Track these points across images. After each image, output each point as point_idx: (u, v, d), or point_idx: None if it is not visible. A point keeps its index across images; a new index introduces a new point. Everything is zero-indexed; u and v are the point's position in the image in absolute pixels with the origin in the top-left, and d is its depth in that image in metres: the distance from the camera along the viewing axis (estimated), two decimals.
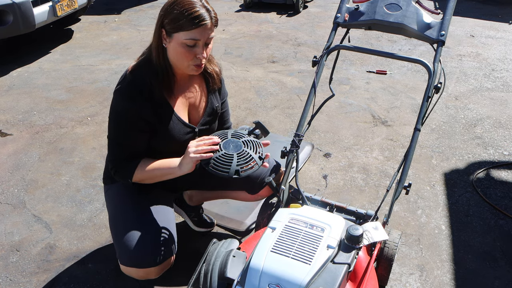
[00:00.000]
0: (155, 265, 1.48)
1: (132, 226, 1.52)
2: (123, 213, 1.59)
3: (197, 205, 2.06)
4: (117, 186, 1.66)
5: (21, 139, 2.97)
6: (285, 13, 6.34)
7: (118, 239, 1.53)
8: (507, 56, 4.63)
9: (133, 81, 1.45)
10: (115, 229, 1.58)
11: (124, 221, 1.56)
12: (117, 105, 1.47)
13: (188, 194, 2.03)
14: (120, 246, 1.51)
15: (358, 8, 1.87)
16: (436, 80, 1.72)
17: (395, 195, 1.64)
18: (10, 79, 3.96)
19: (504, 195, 2.44)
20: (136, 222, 1.54)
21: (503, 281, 1.90)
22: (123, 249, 1.50)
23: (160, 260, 1.49)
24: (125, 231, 1.52)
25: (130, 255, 1.47)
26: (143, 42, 4.93)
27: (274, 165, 1.83)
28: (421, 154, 2.82)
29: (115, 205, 1.64)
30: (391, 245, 1.66)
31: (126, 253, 1.49)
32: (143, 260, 1.47)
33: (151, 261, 1.47)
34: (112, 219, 1.62)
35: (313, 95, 1.85)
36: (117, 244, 1.53)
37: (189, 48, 1.40)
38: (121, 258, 1.51)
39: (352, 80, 3.99)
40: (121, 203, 1.63)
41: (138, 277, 1.51)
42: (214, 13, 1.41)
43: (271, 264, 1.21)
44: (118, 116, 1.48)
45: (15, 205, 2.33)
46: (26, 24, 4.02)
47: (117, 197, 1.65)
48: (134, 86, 1.44)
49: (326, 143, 2.95)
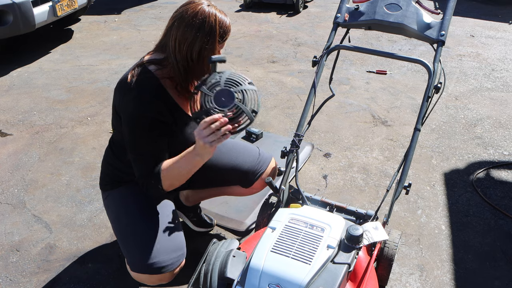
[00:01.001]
0: (168, 270, 1.46)
1: (142, 232, 1.49)
2: (131, 220, 1.55)
3: (194, 205, 2.05)
4: (119, 192, 1.63)
5: (21, 139, 2.97)
6: (285, 13, 6.34)
7: (128, 247, 1.50)
8: (507, 56, 4.63)
9: (147, 86, 1.43)
10: (123, 237, 1.54)
11: (133, 228, 1.53)
12: (135, 110, 1.41)
13: (184, 195, 2.02)
14: (131, 254, 1.48)
15: (358, 8, 1.87)
16: (436, 80, 1.72)
17: (395, 195, 1.64)
18: (10, 79, 3.96)
19: (504, 195, 2.44)
20: (146, 228, 1.51)
21: (503, 281, 1.90)
22: (135, 257, 1.47)
23: (174, 265, 1.47)
24: (135, 238, 1.49)
25: (143, 262, 1.44)
26: (143, 42, 4.93)
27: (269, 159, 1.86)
28: (421, 154, 2.82)
29: (119, 212, 1.60)
30: (391, 245, 1.66)
31: (138, 260, 1.45)
32: (157, 267, 1.44)
33: (165, 267, 1.45)
34: (119, 226, 1.58)
35: (313, 95, 1.85)
36: (128, 252, 1.50)
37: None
38: (133, 265, 1.47)
39: (352, 80, 3.99)
40: (126, 210, 1.58)
41: (151, 283, 1.48)
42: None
43: (271, 264, 1.21)
44: (139, 121, 1.41)
45: (15, 205, 2.33)
46: (26, 24, 4.02)
47: (121, 204, 1.61)
48: (149, 91, 1.42)
49: (326, 143, 2.95)
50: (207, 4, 1.41)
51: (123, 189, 1.63)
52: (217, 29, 1.40)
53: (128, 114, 1.43)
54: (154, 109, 1.41)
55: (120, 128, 1.51)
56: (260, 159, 1.83)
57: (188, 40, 1.39)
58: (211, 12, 1.40)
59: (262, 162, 1.83)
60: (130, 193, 1.61)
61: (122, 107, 1.45)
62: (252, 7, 6.66)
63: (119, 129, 1.53)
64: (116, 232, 1.59)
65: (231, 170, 1.79)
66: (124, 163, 1.60)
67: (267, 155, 1.89)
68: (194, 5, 1.40)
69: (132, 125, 1.43)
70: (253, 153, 1.85)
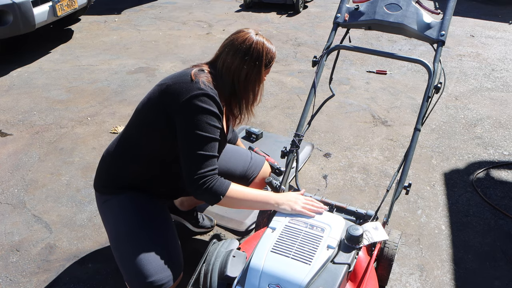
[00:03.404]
0: (170, 284, 1.44)
1: (140, 251, 1.45)
2: (128, 238, 1.50)
3: (189, 209, 2.04)
4: (118, 201, 1.57)
5: (21, 139, 2.97)
6: (285, 13, 6.34)
7: (125, 266, 1.46)
8: (507, 56, 4.63)
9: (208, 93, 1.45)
10: (121, 255, 1.49)
11: (130, 247, 1.48)
12: (204, 109, 1.43)
13: (178, 201, 2.01)
14: (129, 273, 1.45)
15: (358, 8, 1.88)
16: (436, 80, 1.72)
17: (395, 195, 1.64)
18: (10, 79, 3.96)
19: (504, 195, 2.44)
20: (144, 245, 1.47)
21: (503, 281, 1.90)
22: (132, 276, 1.43)
23: (171, 282, 1.45)
24: (132, 258, 1.44)
25: (140, 282, 1.41)
26: (143, 42, 4.94)
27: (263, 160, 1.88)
28: (421, 154, 2.82)
29: (117, 225, 1.54)
30: (391, 245, 1.65)
31: (135, 280, 1.43)
32: (155, 286, 1.42)
33: (163, 285, 1.43)
34: (116, 240, 1.53)
35: (313, 95, 1.85)
36: (125, 271, 1.46)
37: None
38: (132, 284, 1.44)
39: (352, 80, 3.99)
40: (125, 221, 1.54)
41: None
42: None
43: (271, 264, 1.21)
44: (208, 118, 1.43)
45: (15, 205, 2.34)
46: (26, 24, 4.02)
47: (120, 217, 1.55)
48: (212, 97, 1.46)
49: (326, 143, 2.95)
50: (255, 33, 1.54)
51: (123, 199, 1.57)
52: (264, 56, 1.52)
53: (196, 111, 1.42)
54: (218, 110, 1.46)
55: (153, 132, 1.50)
56: (252, 163, 1.83)
57: (235, 63, 1.51)
58: (259, 40, 1.52)
59: (254, 166, 1.83)
60: (130, 205, 1.56)
61: (184, 105, 1.43)
62: (252, 7, 6.66)
63: (152, 133, 1.51)
64: (112, 247, 1.54)
65: (223, 175, 1.77)
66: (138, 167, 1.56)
67: (260, 158, 1.89)
68: (243, 33, 1.53)
69: (200, 122, 1.42)
70: (244, 157, 1.85)
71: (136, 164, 1.57)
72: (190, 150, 1.43)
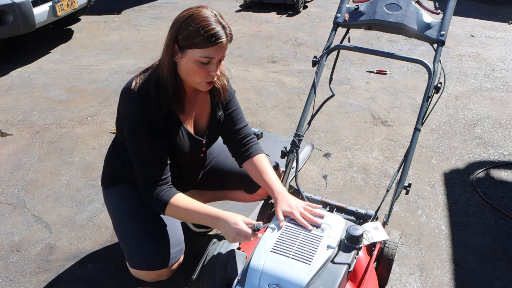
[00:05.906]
0: (166, 266, 1.46)
1: (141, 229, 1.50)
2: (130, 217, 1.56)
3: None
4: (119, 190, 1.63)
5: (21, 139, 2.97)
6: (285, 13, 6.34)
7: (127, 243, 1.51)
8: (507, 56, 4.63)
9: (141, 95, 1.40)
10: (123, 234, 1.55)
11: (131, 225, 1.53)
12: (131, 109, 1.40)
13: None
14: (130, 250, 1.49)
15: (358, 8, 1.87)
16: (436, 80, 1.72)
17: (395, 195, 1.64)
18: (10, 79, 3.96)
19: (504, 195, 2.44)
20: (144, 225, 1.52)
21: (503, 281, 1.90)
22: (134, 253, 1.47)
23: (171, 261, 1.47)
24: (134, 235, 1.50)
25: (141, 258, 1.45)
26: (143, 42, 4.93)
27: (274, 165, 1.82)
28: (421, 154, 2.82)
29: (119, 209, 1.61)
30: (391, 245, 1.66)
31: (136, 256, 1.46)
32: (155, 263, 1.45)
33: (163, 263, 1.45)
34: (118, 223, 1.59)
35: (313, 95, 1.85)
36: (127, 248, 1.51)
37: (203, 65, 1.34)
38: (132, 262, 1.48)
39: (352, 80, 3.99)
40: (126, 207, 1.59)
41: (149, 279, 1.48)
42: (229, 30, 1.35)
43: (271, 264, 1.21)
44: (134, 119, 1.39)
45: (15, 205, 2.33)
46: (26, 24, 4.02)
47: (121, 201, 1.61)
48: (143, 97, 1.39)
49: (326, 143, 2.95)
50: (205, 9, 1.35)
51: (123, 187, 1.63)
52: (184, 18, 1.32)
53: (126, 113, 1.42)
54: (150, 106, 1.38)
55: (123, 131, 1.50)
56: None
57: (169, 38, 1.37)
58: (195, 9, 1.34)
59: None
60: (130, 191, 1.61)
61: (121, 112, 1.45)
62: (252, 7, 6.66)
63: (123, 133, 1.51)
64: (116, 230, 1.60)
65: (236, 174, 1.78)
66: (125, 165, 1.59)
67: (272, 161, 1.86)
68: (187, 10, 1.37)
69: (129, 126, 1.41)
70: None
71: (129, 166, 1.57)
72: (133, 160, 1.45)
